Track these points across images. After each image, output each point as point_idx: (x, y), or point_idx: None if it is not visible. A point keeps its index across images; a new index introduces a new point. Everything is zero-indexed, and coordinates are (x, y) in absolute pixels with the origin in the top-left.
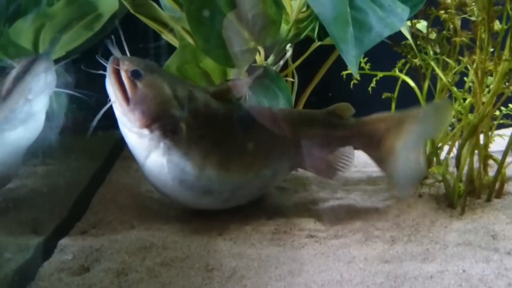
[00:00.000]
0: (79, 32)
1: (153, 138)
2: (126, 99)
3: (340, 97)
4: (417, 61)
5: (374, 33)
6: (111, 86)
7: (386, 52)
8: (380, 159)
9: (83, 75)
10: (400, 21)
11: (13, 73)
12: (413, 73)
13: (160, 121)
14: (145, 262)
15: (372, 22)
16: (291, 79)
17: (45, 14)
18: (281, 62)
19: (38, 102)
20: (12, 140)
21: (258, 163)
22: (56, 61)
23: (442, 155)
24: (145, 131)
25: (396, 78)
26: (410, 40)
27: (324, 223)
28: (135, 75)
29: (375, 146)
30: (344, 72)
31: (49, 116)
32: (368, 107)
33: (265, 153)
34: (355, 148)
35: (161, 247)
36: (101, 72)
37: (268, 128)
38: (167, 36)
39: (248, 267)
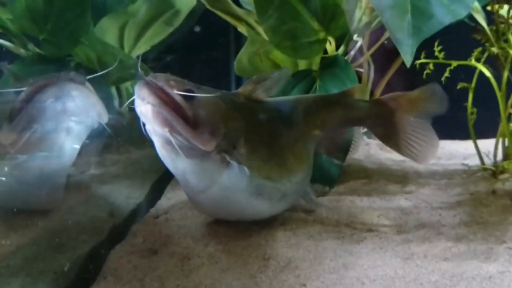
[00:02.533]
0: (160, 27)
1: (217, 158)
2: (187, 124)
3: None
4: (495, 49)
5: (435, 21)
6: (163, 116)
7: (462, 40)
8: (390, 137)
9: None
10: (465, 8)
11: (22, 95)
12: (494, 62)
13: (226, 137)
14: (208, 248)
15: (433, 9)
16: (361, 69)
17: (128, 11)
18: (352, 53)
19: (56, 132)
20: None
21: (305, 155)
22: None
23: None
24: (210, 153)
25: (475, 68)
26: (486, 28)
27: (388, 217)
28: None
29: (386, 123)
30: (418, 61)
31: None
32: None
33: (304, 143)
34: (368, 128)
35: (224, 235)
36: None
37: (299, 117)
38: (243, 30)
39: (303, 258)
